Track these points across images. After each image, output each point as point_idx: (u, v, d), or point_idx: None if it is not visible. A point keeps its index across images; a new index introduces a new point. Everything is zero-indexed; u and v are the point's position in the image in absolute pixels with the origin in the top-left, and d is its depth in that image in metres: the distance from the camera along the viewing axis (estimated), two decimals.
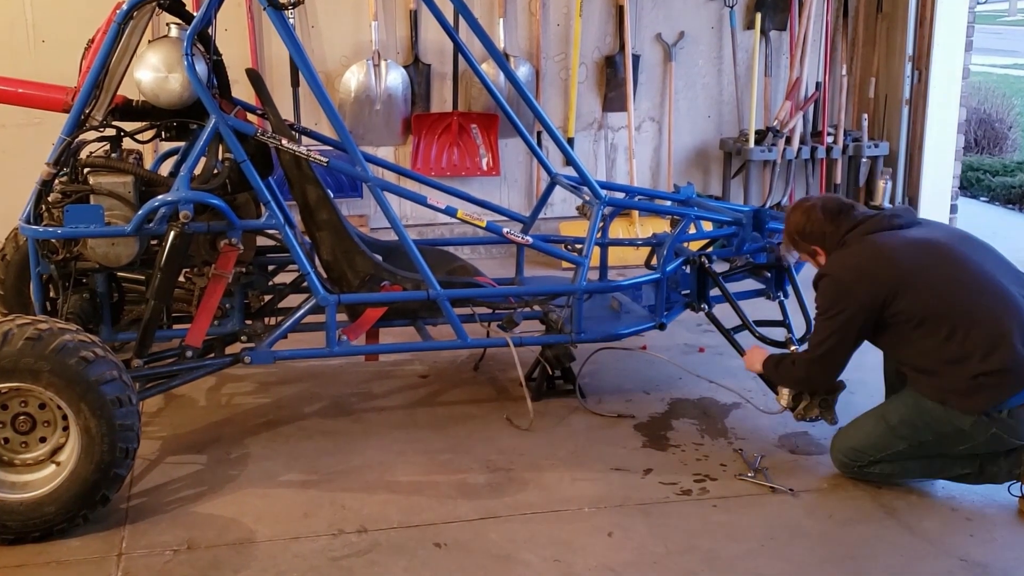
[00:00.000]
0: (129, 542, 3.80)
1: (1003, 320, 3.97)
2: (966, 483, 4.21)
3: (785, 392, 4.51)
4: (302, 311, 4.57)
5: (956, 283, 4.05)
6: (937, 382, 4.05)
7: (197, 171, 4.36)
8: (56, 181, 4.30)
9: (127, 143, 4.57)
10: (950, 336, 3.97)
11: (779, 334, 4.99)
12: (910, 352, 4.12)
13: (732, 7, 8.10)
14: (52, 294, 4.43)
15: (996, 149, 12.25)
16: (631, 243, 5.90)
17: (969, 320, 3.97)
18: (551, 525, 3.96)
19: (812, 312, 4.88)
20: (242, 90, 5.27)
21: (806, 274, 5.05)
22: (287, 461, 4.45)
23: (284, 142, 4.47)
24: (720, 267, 5.26)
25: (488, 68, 7.20)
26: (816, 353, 4.23)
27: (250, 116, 5.02)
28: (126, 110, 4.61)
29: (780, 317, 5.14)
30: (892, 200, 8.33)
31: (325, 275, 4.74)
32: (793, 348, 4.67)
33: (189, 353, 4.43)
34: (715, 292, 5.11)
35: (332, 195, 4.77)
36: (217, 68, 4.68)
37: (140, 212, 4.15)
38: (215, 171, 4.42)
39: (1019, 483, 4.12)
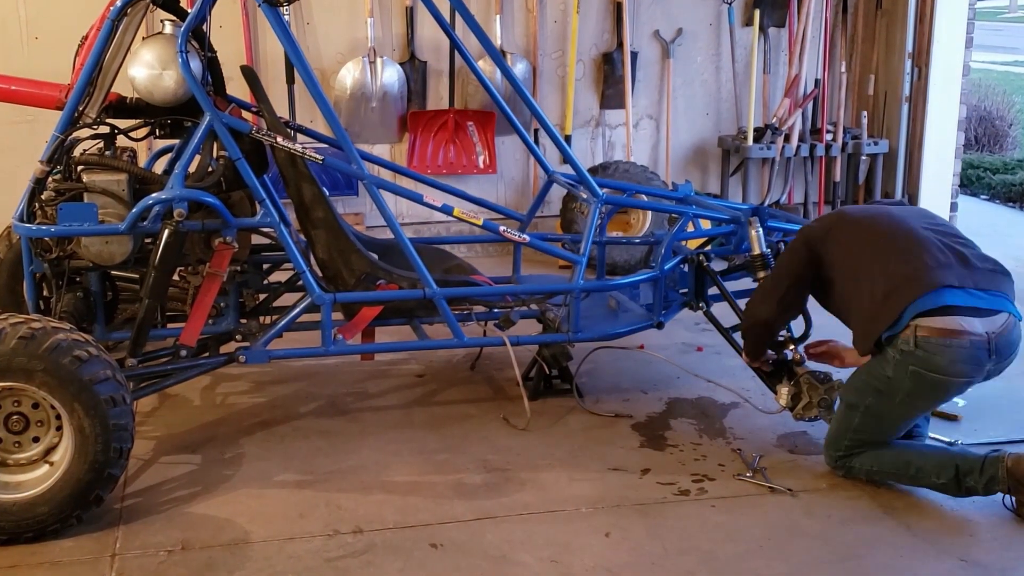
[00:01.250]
0: (123, 543, 3.78)
1: (915, 254, 4.10)
2: (947, 494, 4.15)
3: (784, 392, 4.53)
4: (297, 310, 4.55)
5: (874, 228, 4.25)
6: (861, 324, 4.16)
7: (191, 169, 4.34)
8: (49, 179, 4.28)
9: (121, 141, 4.54)
10: (870, 275, 4.14)
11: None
12: (845, 306, 4.27)
13: (730, 4, 8.09)
14: (46, 293, 4.41)
15: (996, 147, 12.25)
16: (628, 241, 5.88)
17: (884, 257, 4.13)
18: (548, 525, 3.94)
19: (812, 311, 4.89)
20: (237, 87, 5.25)
21: None
22: (282, 461, 4.43)
23: (279, 139, 4.45)
24: (718, 266, 5.25)
25: (485, 65, 7.19)
26: (761, 287, 4.56)
27: (245, 113, 5.01)
28: (120, 107, 4.59)
29: None
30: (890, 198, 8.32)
31: (320, 274, 4.73)
32: (792, 347, 4.65)
33: (183, 352, 4.42)
34: (713, 291, 5.10)
35: (328, 193, 4.77)
36: (212, 65, 4.67)
37: (134, 210, 4.14)
38: (210, 169, 4.40)
39: (1008, 496, 4.09)
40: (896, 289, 4.04)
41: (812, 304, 4.50)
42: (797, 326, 4.77)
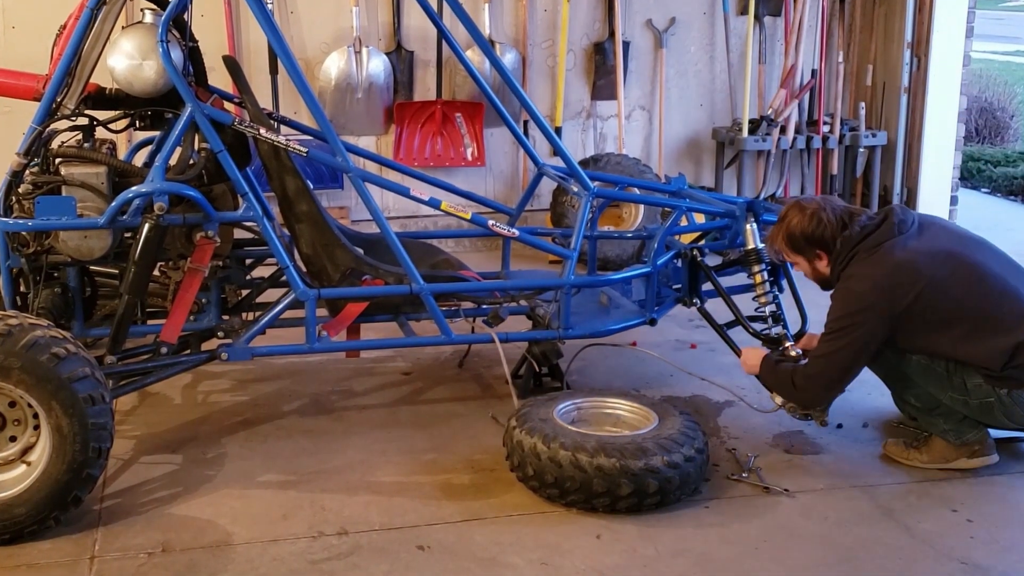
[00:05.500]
0: (102, 545, 3.74)
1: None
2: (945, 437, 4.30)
3: None
4: (281, 306, 4.52)
5: (977, 287, 4.14)
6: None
7: (172, 161, 4.30)
8: (27, 172, 4.25)
9: (100, 132, 4.50)
10: (969, 332, 4.10)
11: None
12: (926, 345, 4.21)
13: None
14: (23, 288, 4.36)
15: (997, 139, 12.26)
16: (620, 236, 5.86)
17: (989, 322, 4.10)
18: (538, 527, 3.90)
19: (809, 309, 4.86)
20: (219, 78, 5.22)
21: (800, 272, 5.01)
22: (265, 461, 4.40)
23: (262, 131, 4.41)
24: (713, 261, 5.19)
25: (473, 55, 7.15)
26: (818, 367, 4.26)
27: (227, 105, 4.98)
28: (99, 98, 4.55)
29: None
30: (888, 192, 8.29)
31: (304, 269, 4.69)
32: (788, 344, 4.60)
33: (164, 349, 4.39)
34: (708, 286, 5.06)
35: (312, 186, 4.73)
36: (193, 55, 4.63)
37: (113, 204, 4.10)
38: (191, 161, 4.37)
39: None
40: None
41: (812, 304, 4.46)
42: (795, 324, 4.73)
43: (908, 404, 4.42)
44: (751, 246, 4.84)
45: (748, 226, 4.85)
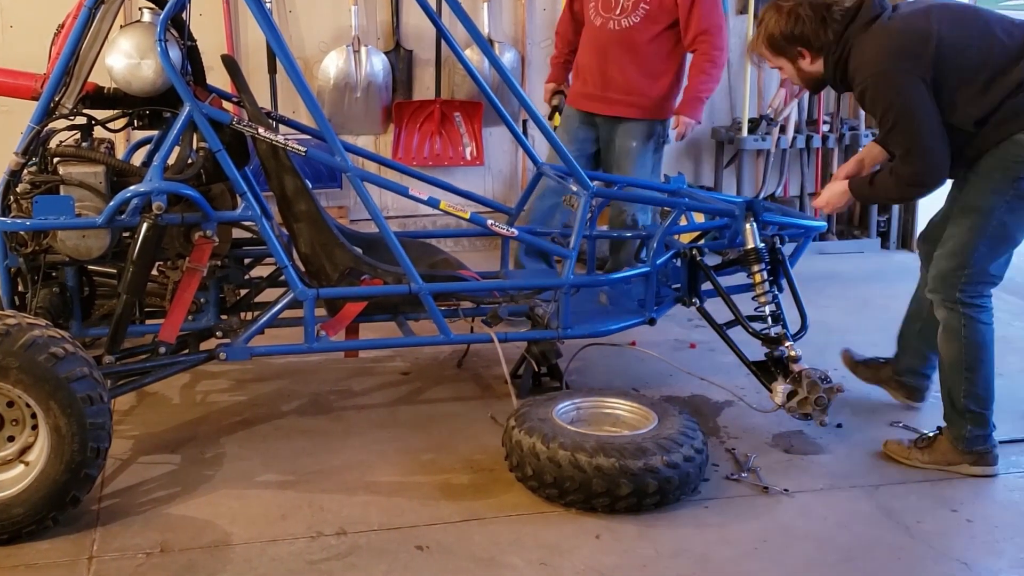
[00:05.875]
0: (100, 545, 3.73)
1: None
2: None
3: (779, 389, 4.49)
4: (279, 306, 4.50)
5: (982, 25, 4.14)
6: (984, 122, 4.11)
7: (170, 161, 4.28)
8: (25, 171, 4.23)
9: (98, 132, 4.48)
10: (988, 82, 4.06)
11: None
12: (959, 114, 4.11)
13: None
14: (21, 288, 4.34)
15: None
16: (620, 235, 5.85)
17: (1001, 65, 4.08)
18: (537, 527, 3.90)
19: (809, 309, 4.85)
20: (217, 77, 5.19)
21: (800, 268, 5.01)
22: (264, 461, 4.39)
23: (261, 131, 4.40)
24: (712, 260, 5.16)
25: (472, 54, 7.12)
26: (915, 152, 4.14)
27: (225, 104, 4.95)
28: (97, 98, 4.54)
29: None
30: None
31: (303, 268, 4.67)
32: (788, 344, 4.59)
33: (162, 349, 4.36)
34: (707, 286, 5.04)
35: (310, 186, 4.70)
36: (191, 54, 4.60)
37: (112, 203, 4.08)
38: (189, 161, 4.35)
39: None
40: None
41: (812, 304, 4.45)
42: (794, 323, 4.72)
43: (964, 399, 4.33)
44: (751, 245, 4.83)
45: (748, 225, 4.84)
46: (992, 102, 4.05)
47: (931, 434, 4.40)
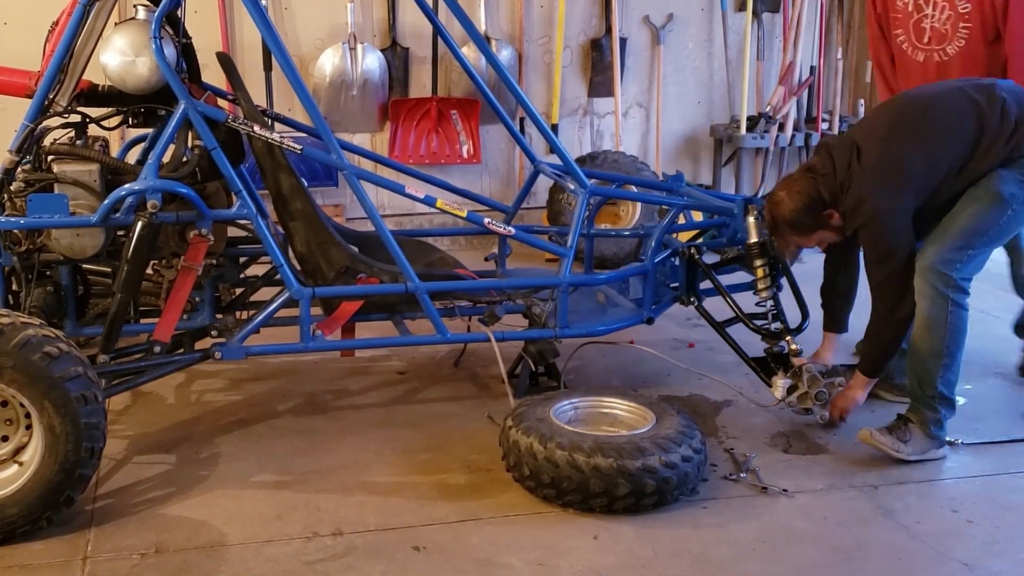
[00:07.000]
0: (95, 545, 3.72)
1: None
2: None
3: (780, 383, 4.51)
4: (275, 305, 4.48)
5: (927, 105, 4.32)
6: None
7: (165, 159, 4.27)
8: (19, 169, 4.22)
9: (93, 130, 4.48)
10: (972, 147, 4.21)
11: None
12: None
13: None
14: (15, 287, 4.34)
15: None
16: (617, 234, 5.85)
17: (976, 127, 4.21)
18: (535, 527, 3.88)
19: (808, 305, 4.83)
20: (212, 75, 5.17)
21: (800, 267, 5.00)
22: (259, 461, 4.37)
23: (256, 128, 4.38)
24: (711, 259, 5.15)
25: (469, 52, 7.11)
26: (884, 284, 4.31)
27: (221, 102, 4.98)
28: (91, 95, 4.54)
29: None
30: None
31: (299, 267, 4.65)
32: (788, 339, 4.59)
33: (157, 348, 4.34)
34: (706, 285, 5.04)
35: (306, 184, 4.69)
36: (186, 52, 4.61)
37: (106, 202, 4.07)
38: (184, 159, 4.32)
39: None
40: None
41: (812, 303, 4.43)
42: (793, 319, 4.71)
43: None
44: (754, 239, 4.80)
45: (750, 218, 4.81)
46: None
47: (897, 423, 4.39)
